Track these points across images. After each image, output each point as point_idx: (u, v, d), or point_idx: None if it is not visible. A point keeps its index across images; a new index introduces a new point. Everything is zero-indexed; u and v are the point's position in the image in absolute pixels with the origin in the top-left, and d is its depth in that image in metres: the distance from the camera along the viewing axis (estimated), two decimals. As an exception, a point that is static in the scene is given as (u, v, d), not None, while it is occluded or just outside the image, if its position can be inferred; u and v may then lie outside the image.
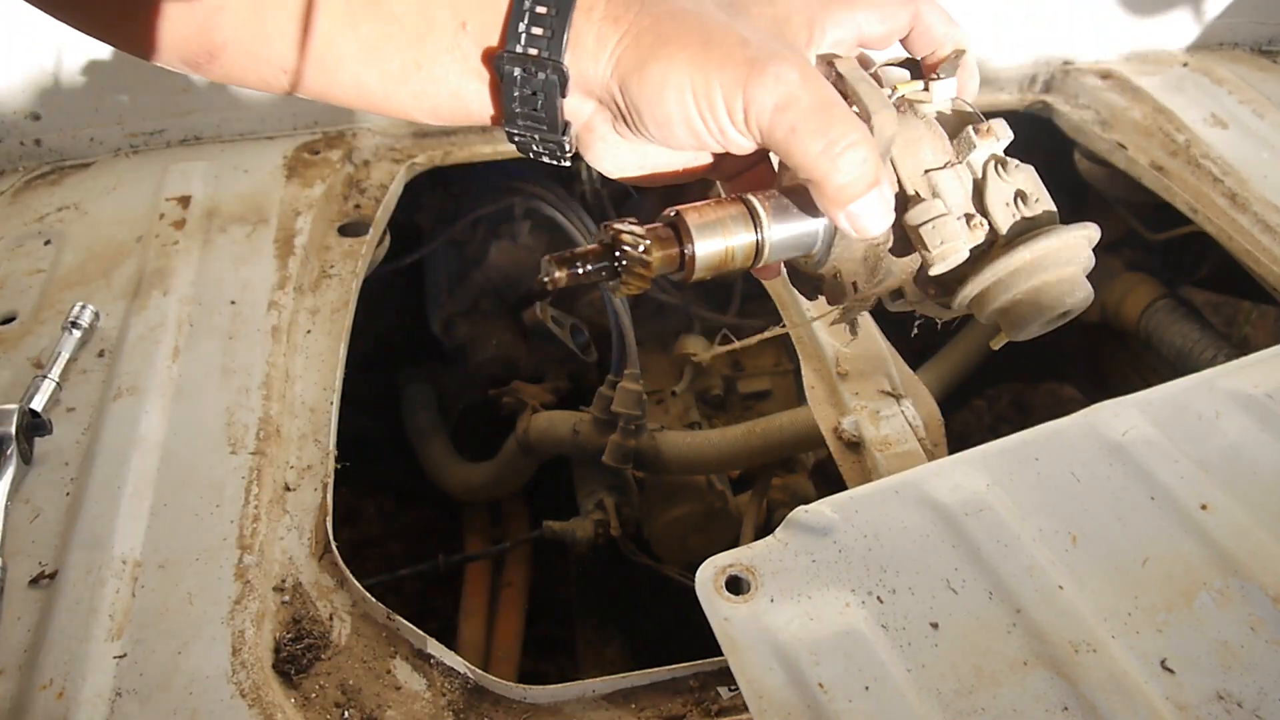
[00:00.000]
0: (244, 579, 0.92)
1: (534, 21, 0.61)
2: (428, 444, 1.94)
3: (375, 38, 0.64)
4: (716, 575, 0.81)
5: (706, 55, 0.60)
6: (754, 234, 0.64)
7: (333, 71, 0.65)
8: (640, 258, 0.61)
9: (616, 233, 0.61)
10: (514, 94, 0.63)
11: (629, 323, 1.55)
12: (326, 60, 0.65)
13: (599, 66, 0.62)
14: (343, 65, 0.65)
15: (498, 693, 0.87)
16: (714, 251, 0.63)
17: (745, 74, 0.59)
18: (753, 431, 1.53)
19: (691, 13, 0.62)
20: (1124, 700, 0.74)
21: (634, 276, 0.61)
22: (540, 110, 0.64)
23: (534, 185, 1.71)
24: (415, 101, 0.66)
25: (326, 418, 1.10)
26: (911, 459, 1.04)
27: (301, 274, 1.28)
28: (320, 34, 0.64)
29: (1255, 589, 0.82)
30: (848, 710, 0.73)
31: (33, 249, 1.33)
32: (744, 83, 0.59)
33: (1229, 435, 0.94)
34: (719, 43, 0.60)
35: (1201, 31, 1.76)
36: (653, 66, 0.61)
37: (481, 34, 0.63)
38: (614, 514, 1.64)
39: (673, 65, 0.60)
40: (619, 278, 0.61)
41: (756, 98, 0.59)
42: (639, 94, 0.62)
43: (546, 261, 0.60)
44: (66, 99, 1.48)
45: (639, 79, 0.61)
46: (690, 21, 0.61)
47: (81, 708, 0.81)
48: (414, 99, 0.66)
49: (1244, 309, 2.67)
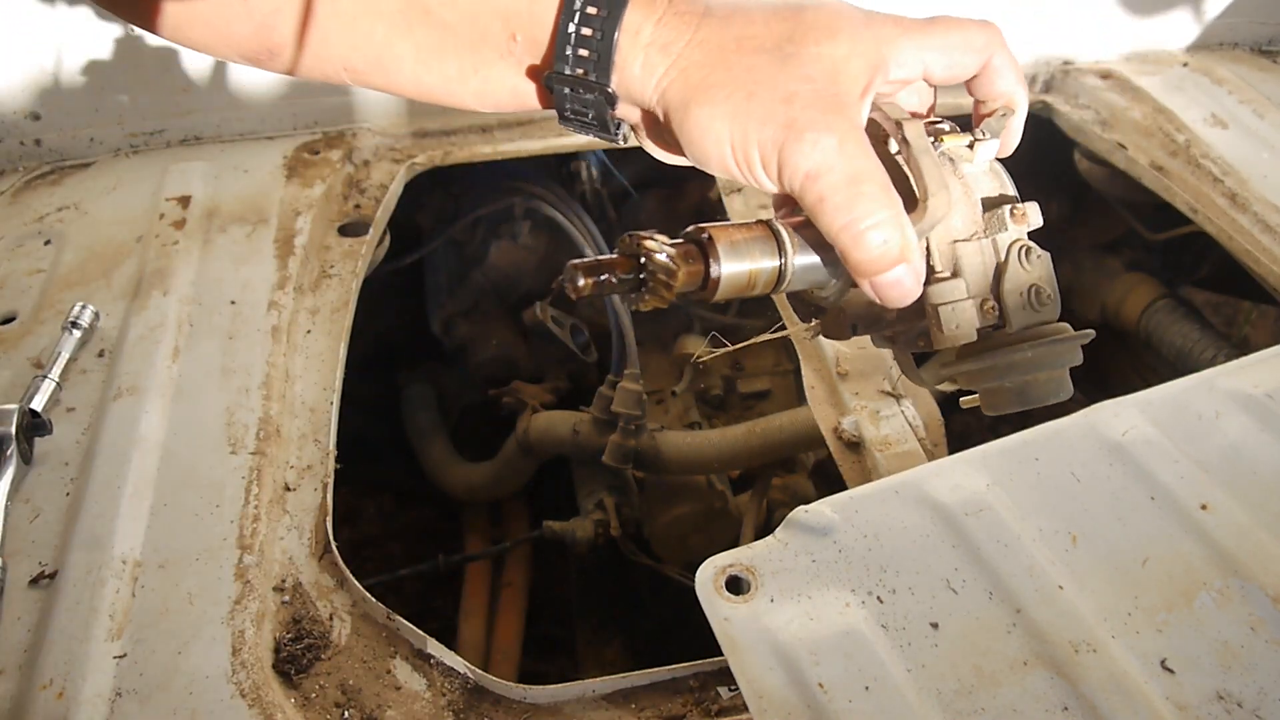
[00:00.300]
0: (244, 579, 0.92)
1: (580, 44, 0.62)
2: (428, 444, 1.94)
3: (431, 44, 0.65)
4: (716, 575, 0.81)
5: (749, 109, 0.60)
6: (778, 261, 0.63)
7: (392, 72, 0.67)
8: (666, 275, 0.60)
9: (644, 246, 0.60)
10: (565, 106, 0.65)
11: (629, 323, 1.56)
12: (385, 62, 0.66)
13: (645, 91, 0.63)
14: (402, 67, 0.66)
15: (498, 693, 0.87)
16: (738, 274, 0.62)
17: (783, 136, 0.59)
18: (753, 431, 1.53)
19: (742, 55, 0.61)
20: (1124, 700, 0.74)
21: (657, 293, 0.60)
22: (592, 120, 0.66)
23: (534, 185, 1.71)
24: (478, 100, 0.68)
25: (326, 418, 1.10)
26: (911, 459, 1.04)
27: (301, 274, 1.28)
28: (376, 39, 0.65)
29: (1255, 589, 0.82)
30: (848, 710, 0.73)
31: (33, 249, 1.33)
32: (781, 144, 0.59)
33: (1229, 435, 0.94)
34: (763, 97, 0.60)
35: (1201, 31, 1.76)
36: (696, 111, 0.61)
37: (531, 48, 0.64)
38: (614, 514, 1.64)
39: (715, 113, 0.60)
40: (640, 292, 0.61)
41: (790, 161, 0.59)
42: (680, 130, 0.63)
43: (572, 268, 0.59)
44: (66, 99, 1.48)
45: (681, 117, 0.62)
46: (738, 68, 0.60)
47: (81, 708, 0.80)
48: (476, 98, 0.68)
49: (1244, 309, 2.67)
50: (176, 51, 1.47)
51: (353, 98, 1.57)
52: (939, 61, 0.65)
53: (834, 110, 0.60)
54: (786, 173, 0.60)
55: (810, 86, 0.60)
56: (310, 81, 1.53)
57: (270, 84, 1.53)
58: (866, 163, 0.60)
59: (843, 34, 0.61)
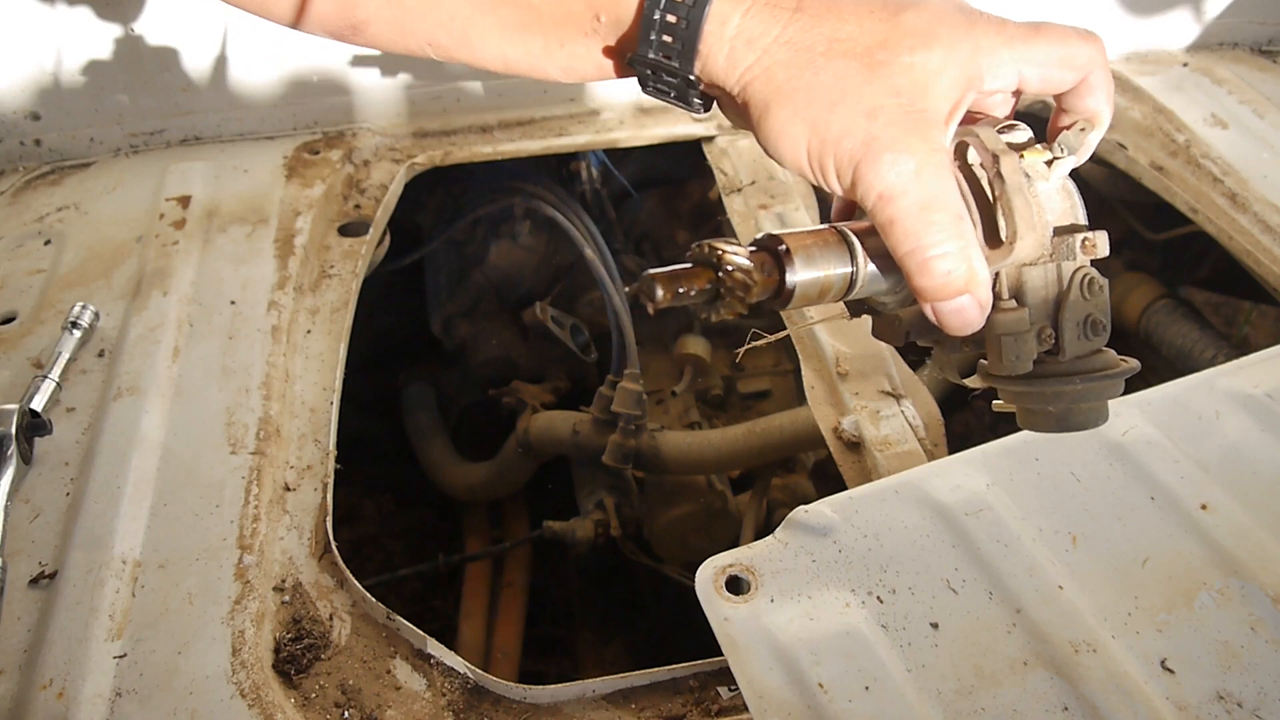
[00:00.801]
0: (244, 579, 0.92)
1: (664, 30, 0.61)
2: (428, 444, 1.94)
3: (515, 21, 0.65)
4: (716, 575, 0.82)
5: (829, 120, 0.58)
6: (849, 269, 0.62)
7: (477, 48, 0.68)
8: (743, 285, 0.58)
9: (722, 257, 0.58)
10: (647, 84, 0.66)
11: (629, 323, 1.55)
12: (470, 38, 0.67)
13: (728, 81, 0.62)
14: (486, 43, 0.67)
15: (498, 693, 0.87)
16: (811, 283, 0.61)
17: (861, 154, 0.58)
18: (753, 431, 1.53)
19: (830, 59, 0.59)
20: (1124, 700, 0.74)
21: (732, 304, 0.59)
22: (674, 98, 0.65)
23: (534, 185, 1.71)
24: (563, 74, 0.68)
25: (326, 418, 1.10)
26: (911, 459, 1.04)
27: (301, 274, 1.28)
28: (460, 16, 0.66)
29: (1255, 589, 0.82)
30: (848, 710, 0.73)
31: (33, 249, 1.33)
32: (858, 161, 0.58)
33: (1229, 435, 0.94)
34: (846, 109, 0.58)
35: (1201, 31, 1.76)
36: (776, 112, 0.60)
37: (616, 28, 0.64)
38: (614, 514, 1.64)
39: (795, 118, 0.60)
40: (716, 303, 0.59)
41: (865, 179, 0.58)
42: (758, 126, 0.62)
43: (650, 279, 0.57)
44: (66, 99, 1.48)
45: (761, 114, 0.61)
46: (824, 74, 0.59)
47: (81, 708, 0.80)
48: (562, 72, 0.68)
49: (1244, 309, 2.67)
50: (176, 51, 1.47)
51: (353, 98, 1.57)
52: (1036, 74, 0.62)
53: (917, 130, 0.58)
54: (860, 189, 0.59)
55: (896, 101, 0.58)
56: (310, 81, 1.53)
57: (270, 84, 1.53)
58: (942, 189, 0.58)
59: (940, 42, 0.59)
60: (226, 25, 1.47)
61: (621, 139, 1.59)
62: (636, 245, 1.98)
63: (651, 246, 1.99)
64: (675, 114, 1.65)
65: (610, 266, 1.58)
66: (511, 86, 1.62)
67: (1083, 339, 0.65)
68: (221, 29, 1.47)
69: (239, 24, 1.47)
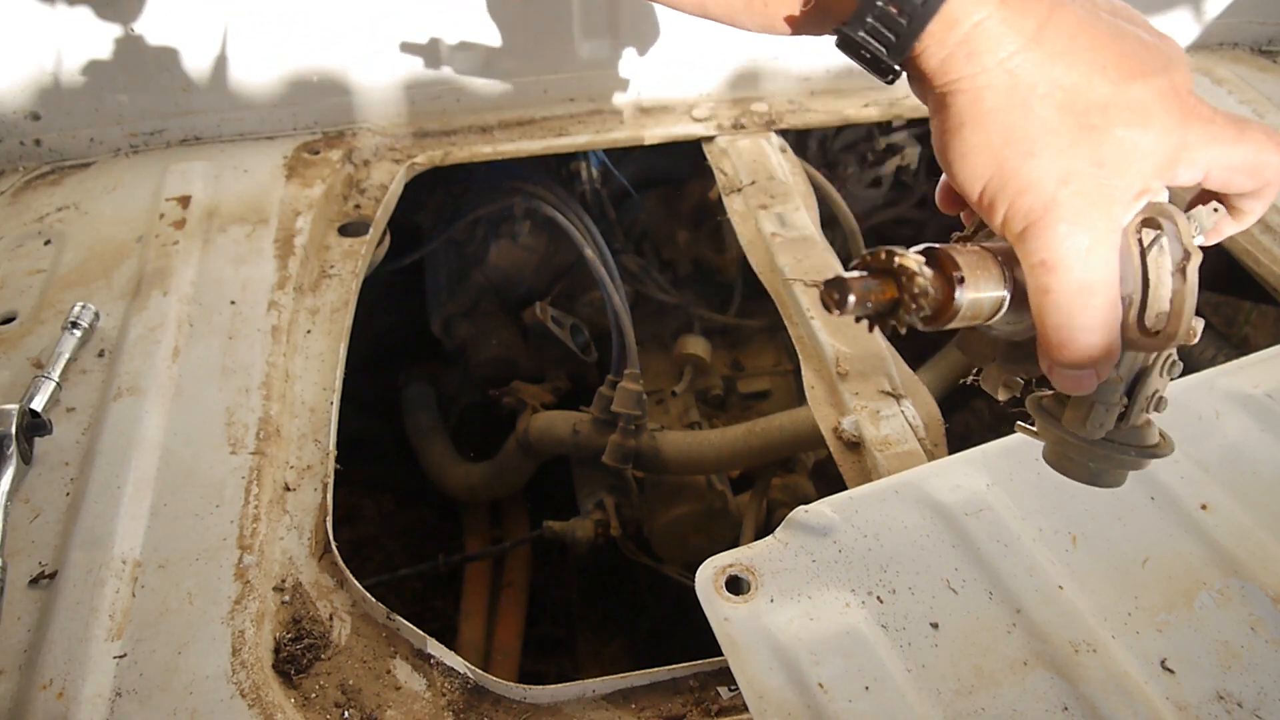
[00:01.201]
0: (244, 579, 0.92)
1: (883, 19, 0.58)
2: (428, 444, 1.94)
3: None
4: (716, 575, 0.82)
5: (1019, 169, 0.56)
6: (1002, 292, 0.59)
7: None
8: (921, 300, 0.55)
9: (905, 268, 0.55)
10: (847, 50, 0.61)
11: (629, 323, 1.55)
12: None
13: (935, 79, 0.59)
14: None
15: (498, 693, 0.87)
16: (973, 304, 0.58)
17: (1039, 215, 0.56)
18: (753, 431, 1.53)
19: (1045, 107, 0.56)
20: (1124, 700, 0.74)
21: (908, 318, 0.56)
22: (868, 67, 0.61)
23: (534, 185, 1.71)
24: (759, 29, 0.65)
25: (326, 418, 1.10)
26: (911, 459, 1.04)
27: (301, 274, 1.28)
28: None
29: (1255, 589, 0.82)
30: (848, 710, 0.73)
31: (33, 249, 1.33)
32: (1031, 221, 0.56)
33: (1229, 435, 0.94)
34: (1041, 165, 0.56)
35: (1201, 31, 1.76)
36: (970, 136, 0.57)
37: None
38: (614, 514, 1.64)
39: (985, 151, 0.57)
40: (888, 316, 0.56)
41: (1033, 240, 0.57)
42: (944, 136, 0.59)
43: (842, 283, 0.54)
44: (66, 99, 1.48)
45: (953, 130, 0.58)
46: (1034, 122, 0.56)
47: (81, 708, 0.81)
48: (758, 28, 0.65)
49: (1244, 309, 2.67)
50: (176, 51, 1.47)
51: (353, 98, 1.57)
52: (1222, 175, 0.60)
53: (1102, 206, 0.56)
54: (1025, 247, 0.57)
55: (1095, 171, 0.56)
56: (310, 81, 1.53)
57: (270, 84, 1.53)
58: (1106, 274, 0.57)
59: (1154, 125, 0.56)
60: (226, 25, 1.47)
61: (621, 139, 1.59)
62: (636, 245, 1.98)
63: (651, 246, 1.99)
64: (675, 114, 1.66)
65: (610, 266, 1.58)
66: (511, 86, 1.62)
67: (1147, 412, 0.65)
68: (221, 29, 1.47)
69: (239, 24, 1.47)
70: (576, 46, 1.60)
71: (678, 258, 1.97)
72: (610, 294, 1.55)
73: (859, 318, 0.56)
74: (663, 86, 1.66)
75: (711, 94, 1.69)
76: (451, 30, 1.55)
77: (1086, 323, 0.57)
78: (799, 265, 1.34)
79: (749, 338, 1.99)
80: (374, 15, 1.51)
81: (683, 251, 1.96)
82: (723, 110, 1.66)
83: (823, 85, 1.73)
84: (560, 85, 1.64)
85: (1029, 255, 0.58)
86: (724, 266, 1.96)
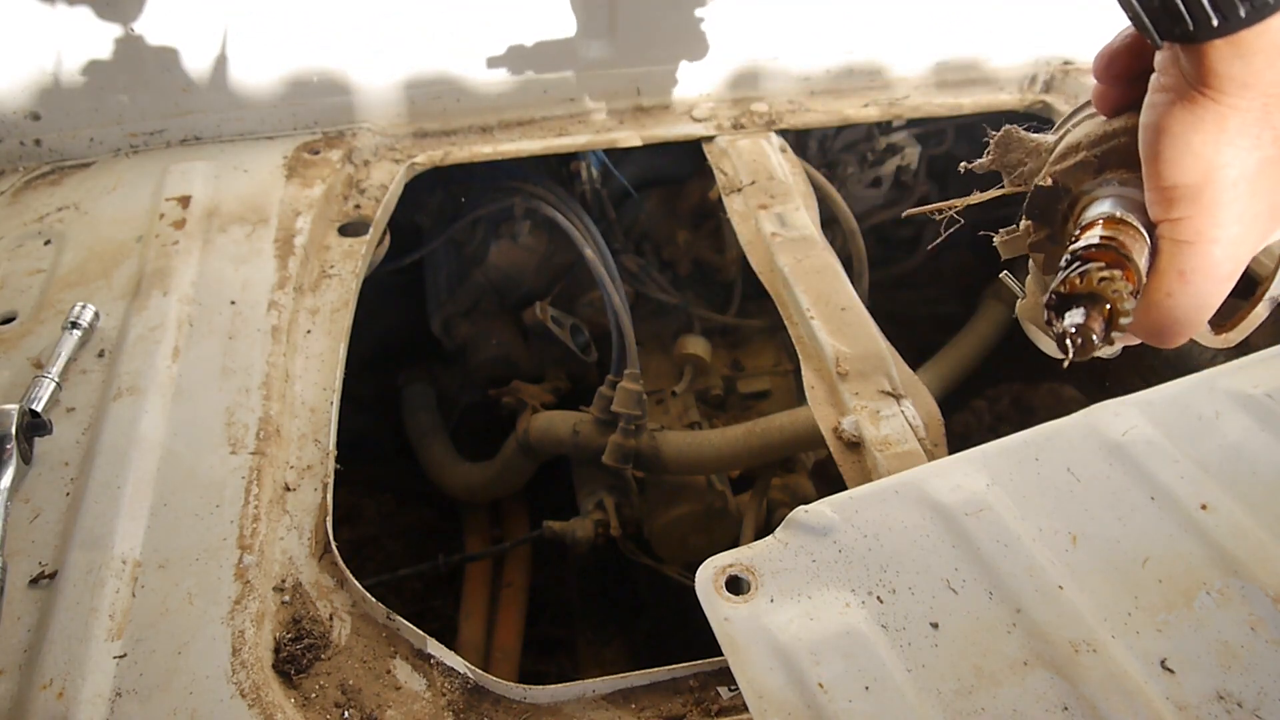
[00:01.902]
0: (244, 579, 0.92)
1: None
2: (428, 444, 1.94)
3: None
4: (716, 575, 0.81)
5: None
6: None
7: None
8: (1129, 306, 0.57)
9: (1114, 297, 0.57)
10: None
11: (629, 323, 1.55)
12: None
13: (1237, 73, 0.57)
14: None
15: (498, 693, 0.87)
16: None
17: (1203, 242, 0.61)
18: (753, 431, 1.53)
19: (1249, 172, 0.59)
20: (1124, 700, 0.74)
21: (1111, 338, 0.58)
22: (1161, 20, 0.59)
23: (534, 185, 1.71)
24: None
25: (326, 418, 1.10)
26: (911, 459, 1.04)
27: (301, 274, 1.28)
28: None
29: (1255, 589, 0.82)
30: (848, 710, 0.73)
31: (33, 249, 1.33)
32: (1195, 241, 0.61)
33: (1229, 435, 0.94)
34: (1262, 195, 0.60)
35: (1201, 31, 1.76)
36: (1209, 137, 0.59)
37: None
38: (614, 514, 1.64)
39: (1200, 159, 0.58)
40: (1095, 337, 0.57)
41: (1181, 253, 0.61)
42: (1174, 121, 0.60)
43: (1088, 316, 0.56)
44: (66, 99, 1.48)
45: (1198, 125, 0.59)
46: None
47: (81, 708, 0.81)
48: None
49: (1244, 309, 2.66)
50: (176, 51, 1.47)
51: (353, 98, 1.57)
52: None
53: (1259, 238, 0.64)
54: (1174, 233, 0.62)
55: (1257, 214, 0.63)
56: (310, 81, 1.53)
57: (270, 84, 1.53)
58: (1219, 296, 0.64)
59: None
60: (226, 25, 1.47)
61: (621, 139, 1.59)
62: (636, 245, 1.98)
63: (651, 246, 1.99)
64: (675, 114, 1.66)
65: (610, 266, 1.58)
66: (511, 86, 1.62)
67: None
68: (221, 29, 1.47)
69: (239, 24, 1.47)
70: (576, 46, 1.60)
71: (678, 258, 1.98)
72: (610, 294, 1.55)
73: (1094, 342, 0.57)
74: (663, 86, 1.66)
75: (711, 94, 1.69)
76: (451, 30, 1.55)
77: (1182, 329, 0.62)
78: (799, 265, 1.34)
79: (749, 338, 1.99)
80: (374, 15, 1.51)
81: (683, 251, 1.96)
82: (723, 110, 1.66)
83: (823, 85, 1.73)
84: (560, 85, 1.64)
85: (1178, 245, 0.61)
86: (724, 266, 1.96)
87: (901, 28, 1.69)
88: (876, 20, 1.68)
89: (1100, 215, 0.62)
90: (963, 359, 1.97)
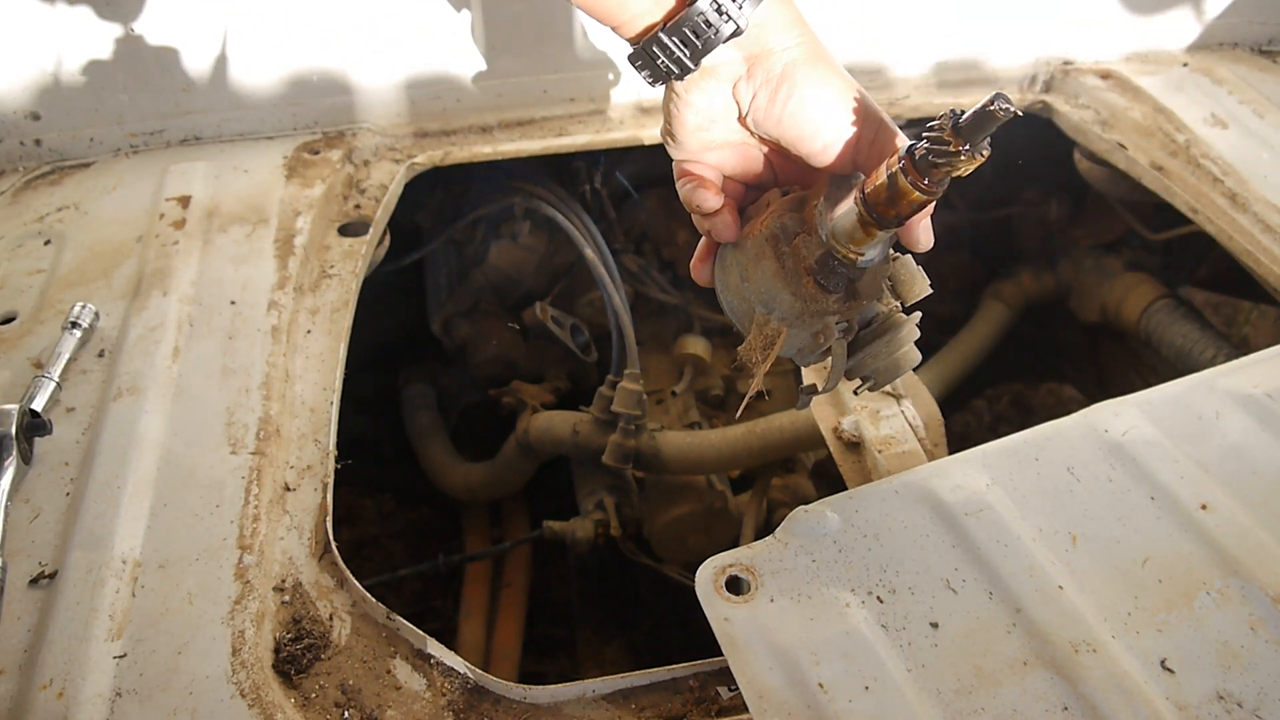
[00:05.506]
0: (244, 579, 0.92)
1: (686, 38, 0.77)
2: (428, 444, 1.94)
3: None
4: (716, 575, 0.82)
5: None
6: None
7: None
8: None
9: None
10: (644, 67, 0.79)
11: (629, 323, 1.55)
12: None
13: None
14: None
15: (498, 693, 0.87)
16: None
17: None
18: (753, 431, 1.53)
19: None
20: (1124, 700, 0.74)
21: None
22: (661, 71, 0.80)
23: (534, 185, 1.71)
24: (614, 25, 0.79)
25: (326, 418, 1.10)
26: (911, 459, 1.04)
27: (301, 274, 1.28)
28: None
29: (1255, 589, 0.82)
30: (848, 710, 0.73)
31: (33, 249, 1.33)
32: None
33: (1229, 435, 0.94)
34: None
35: (1201, 31, 1.76)
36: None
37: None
38: (614, 514, 1.64)
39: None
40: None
41: None
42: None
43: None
44: (66, 99, 1.48)
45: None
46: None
47: (81, 708, 0.81)
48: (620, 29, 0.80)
49: (1244, 309, 2.67)
50: (176, 51, 1.47)
51: (353, 98, 1.57)
52: None
53: None
54: None
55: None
56: (310, 81, 1.53)
57: (270, 84, 1.53)
58: None
59: None
60: (226, 25, 1.47)
61: (621, 139, 1.59)
62: (636, 245, 1.98)
63: (651, 246, 1.99)
64: (675, 114, 1.65)
65: (610, 266, 1.58)
66: (511, 86, 1.62)
67: None
68: (221, 29, 1.47)
69: (239, 24, 1.47)
70: (576, 46, 1.60)
71: (678, 258, 1.98)
72: (610, 294, 1.55)
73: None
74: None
75: (711, 94, 1.69)
76: (451, 30, 1.55)
77: None
78: (799, 265, 1.34)
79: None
80: (374, 15, 1.51)
81: (683, 251, 1.96)
82: (723, 110, 1.66)
83: (823, 85, 1.72)
84: (560, 85, 1.64)
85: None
86: (724, 267, 1.95)
87: (901, 27, 1.69)
88: (876, 20, 1.68)
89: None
90: (963, 359, 1.97)
